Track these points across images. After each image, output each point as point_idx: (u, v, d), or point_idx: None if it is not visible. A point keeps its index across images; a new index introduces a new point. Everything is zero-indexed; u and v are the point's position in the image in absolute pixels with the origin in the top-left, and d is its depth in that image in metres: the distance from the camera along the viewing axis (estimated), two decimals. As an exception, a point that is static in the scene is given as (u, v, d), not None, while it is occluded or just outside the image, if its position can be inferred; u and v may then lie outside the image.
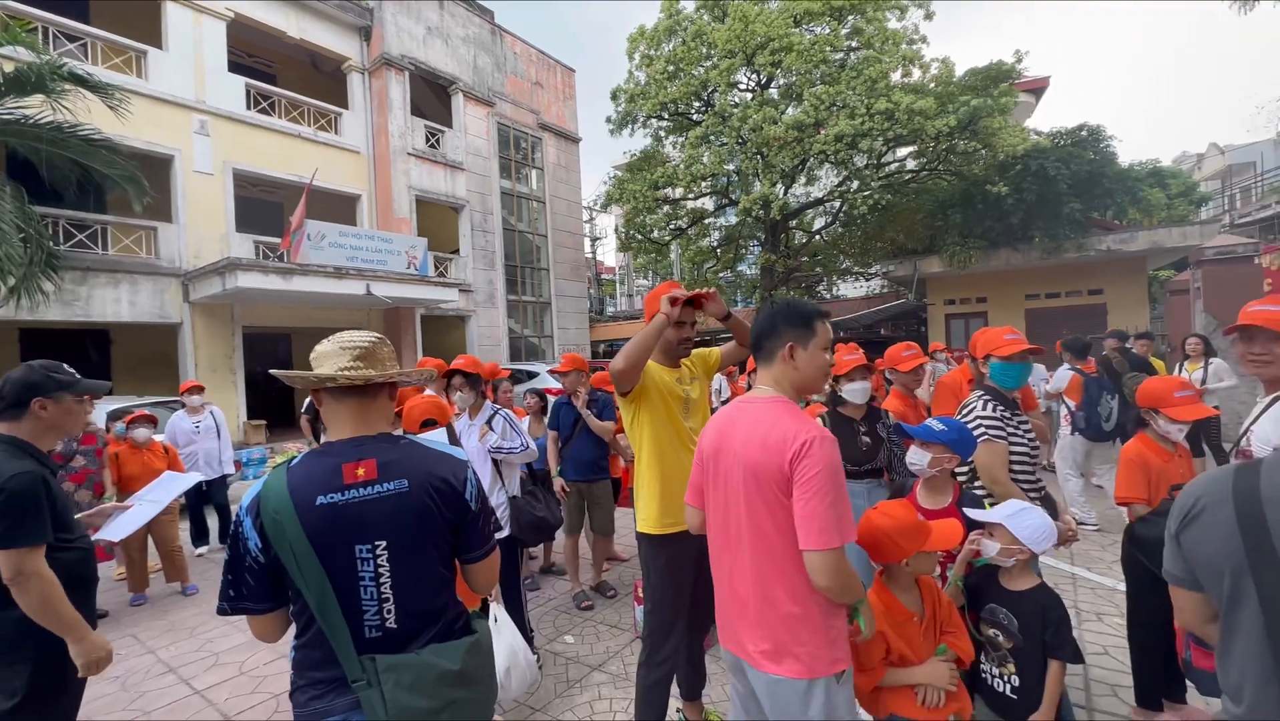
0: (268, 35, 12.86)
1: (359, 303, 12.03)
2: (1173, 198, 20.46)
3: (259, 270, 9.81)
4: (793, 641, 1.44)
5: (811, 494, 1.38)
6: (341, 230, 11.38)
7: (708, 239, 18.52)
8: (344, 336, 1.39)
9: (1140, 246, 11.85)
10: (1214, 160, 33.65)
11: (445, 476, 1.35)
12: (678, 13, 15.05)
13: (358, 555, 1.25)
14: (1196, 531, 1.10)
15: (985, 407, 2.44)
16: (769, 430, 1.47)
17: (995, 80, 12.24)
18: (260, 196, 13.60)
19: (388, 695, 1.20)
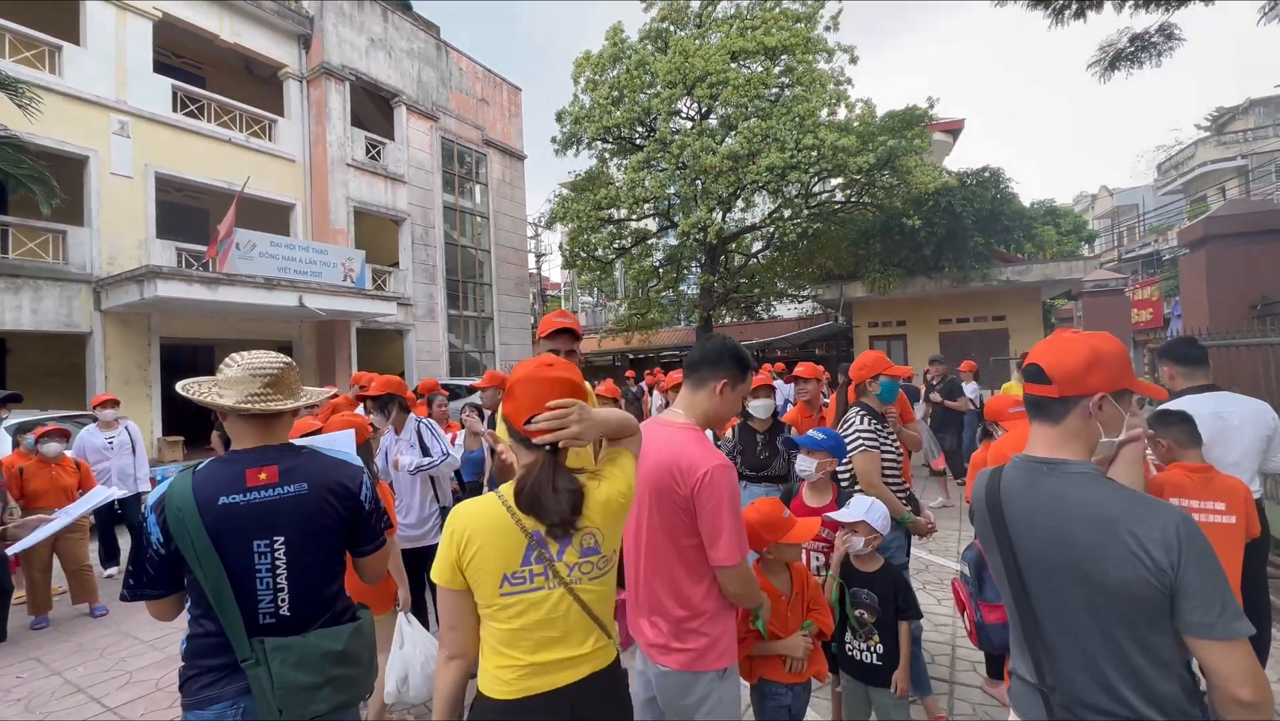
0: (198, 37, 12.45)
1: (291, 315, 11.69)
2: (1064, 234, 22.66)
3: (182, 279, 9.42)
4: (678, 641, 1.61)
5: (715, 517, 1.54)
6: (274, 240, 11.08)
7: (650, 259, 19.00)
8: (252, 361, 1.50)
9: (1034, 278, 13.16)
10: (1105, 200, 37.41)
11: (343, 480, 1.54)
12: (622, 42, 15.59)
13: (256, 549, 1.40)
14: (976, 525, 1.40)
15: (862, 422, 2.83)
16: (678, 456, 1.59)
17: (910, 123, 13.36)
18: (184, 202, 13.02)
19: (274, 671, 1.35)
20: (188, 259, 11.55)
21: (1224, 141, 26.98)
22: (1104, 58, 6.57)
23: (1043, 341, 1.29)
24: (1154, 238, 28.36)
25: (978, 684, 3.02)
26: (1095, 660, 1.10)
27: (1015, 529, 1.21)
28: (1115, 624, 1.07)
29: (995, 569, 1.30)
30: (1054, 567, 1.14)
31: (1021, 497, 1.21)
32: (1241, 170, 25.21)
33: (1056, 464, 1.18)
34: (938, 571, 4.62)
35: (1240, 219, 5.86)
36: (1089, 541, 1.08)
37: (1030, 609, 1.19)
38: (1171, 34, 6.24)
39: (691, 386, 1.75)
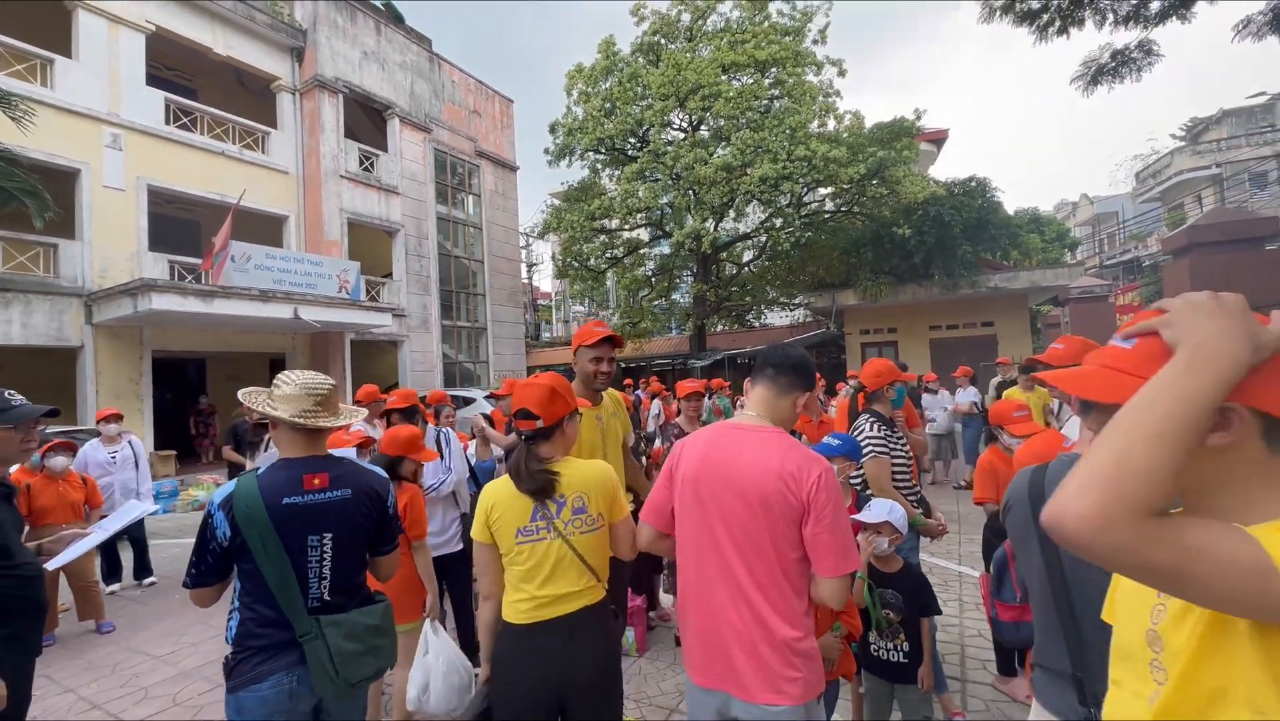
0: (191, 50, 12.45)
1: (285, 326, 11.63)
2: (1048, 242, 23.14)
3: (177, 292, 9.36)
4: (790, 667, 1.45)
5: (829, 524, 1.43)
6: (269, 252, 11.06)
7: (643, 268, 19.14)
8: (308, 381, 1.72)
9: (1022, 285, 13.42)
10: (1086, 208, 38.19)
11: (376, 488, 1.81)
12: (614, 55, 15.79)
13: (309, 543, 1.64)
14: (1009, 523, 1.48)
15: (872, 428, 2.92)
16: (783, 460, 1.48)
17: (898, 135, 13.64)
18: (176, 214, 12.95)
19: (331, 643, 1.60)
20: (180, 271, 11.48)
21: (1199, 150, 27.72)
22: (1087, 72, 6.79)
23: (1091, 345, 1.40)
24: (1134, 244, 29.02)
25: (988, 681, 3.10)
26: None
27: None
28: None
29: (1031, 564, 1.37)
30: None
31: None
32: (1216, 178, 25.91)
33: None
34: (941, 574, 4.72)
35: (1221, 227, 6.08)
36: None
37: (1068, 599, 1.27)
38: (1150, 50, 6.48)
39: (775, 391, 1.63)
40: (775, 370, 1.63)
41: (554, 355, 22.89)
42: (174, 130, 11.68)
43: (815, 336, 17.02)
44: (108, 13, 10.78)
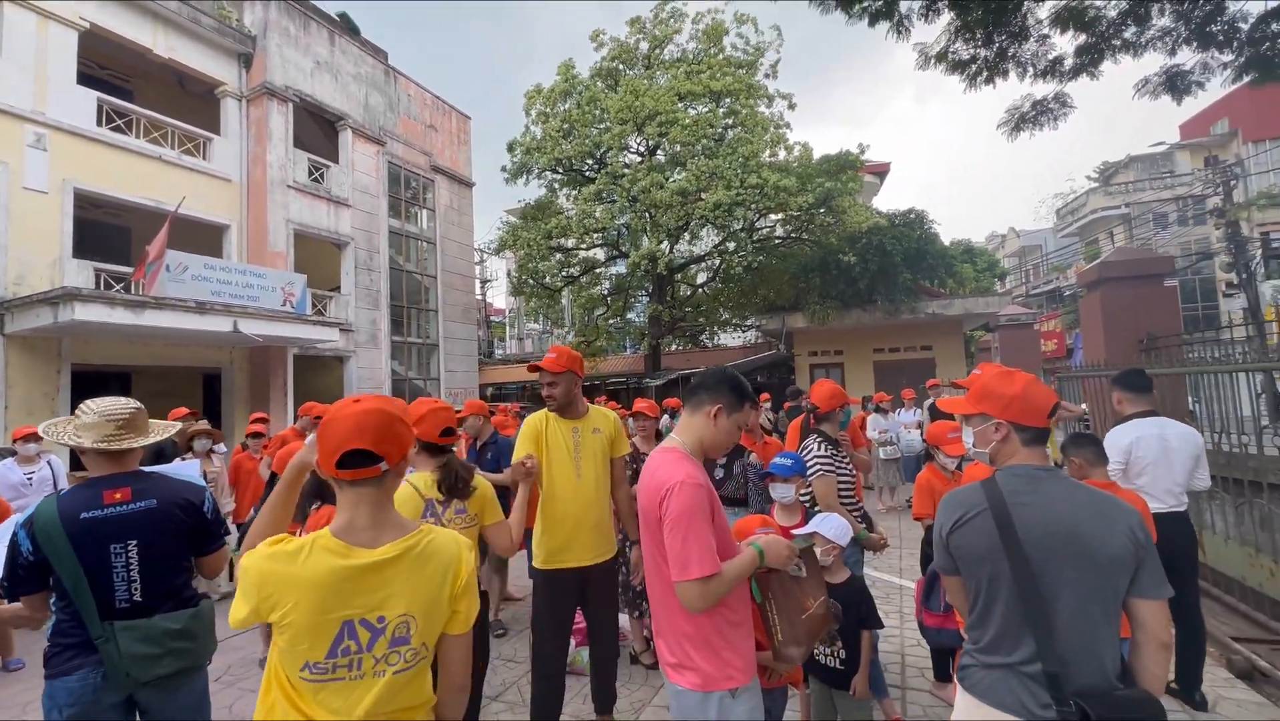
0: (129, 50, 11.91)
1: (223, 340, 11.12)
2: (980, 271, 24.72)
3: (104, 302, 8.82)
4: (687, 658, 1.63)
5: (669, 533, 1.58)
6: (207, 262, 10.58)
7: (598, 287, 19.26)
8: (105, 408, 1.88)
9: (956, 312, 14.27)
10: (1014, 241, 40.94)
11: (188, 497, 1.97)
12: (573, 78, 16.05)
13: (112, 551, 1.81)
14: (963, 535, 1.50)
15: (820, 448, 3.08)
16: (651, 477, 1.70)
17: (844, 167, 14.37)
18: (106, 220, 12.24)
19: (122, 646, 1.76)
20: (107, 280, 10.81)
21: (1110, 191, 30.31)
22: (1011, 119, 7.40)
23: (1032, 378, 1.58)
24: (1056, 275, 31.30)
25: (926, 687, 3.27)
26: (1091, 636, 1.36)
27: (1026, 525, 1.41)
28: (1109, 596, 1.37)
29: (996, 569, 1.43)
30: (1065, 553, 1.38)
31: (1030, 499, 1.45)
32: (1126, 217, 28.35)
33: (1054, 471, 1.52)
34: (884, 587, 4.93)
35: (1127, 264, 6.71)
36: (1094, 528, 1.38)
37: (1038, 595, 1.37)
38: (1065, 101, 7.12)
39: (689, 410, 1.81)
40: (690, 392, 1.82)
41: (508, 372, 22.60)
42: (106, 132, 11.08)
43: (766, 358, 17.51)
44: (38, 8, 10.21)
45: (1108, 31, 6.52)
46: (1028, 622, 1.38)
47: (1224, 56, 6.31)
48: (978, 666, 1.49)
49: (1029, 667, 1.39)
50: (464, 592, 1.29)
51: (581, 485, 2.67)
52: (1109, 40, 6.54)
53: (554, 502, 2.66)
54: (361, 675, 1.18)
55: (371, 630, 1.18)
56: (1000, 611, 1.44)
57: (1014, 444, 1.53)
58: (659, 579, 1.70)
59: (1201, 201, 23.66)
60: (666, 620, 1.71)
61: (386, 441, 1.23)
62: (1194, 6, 5.83)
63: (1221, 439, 4.75)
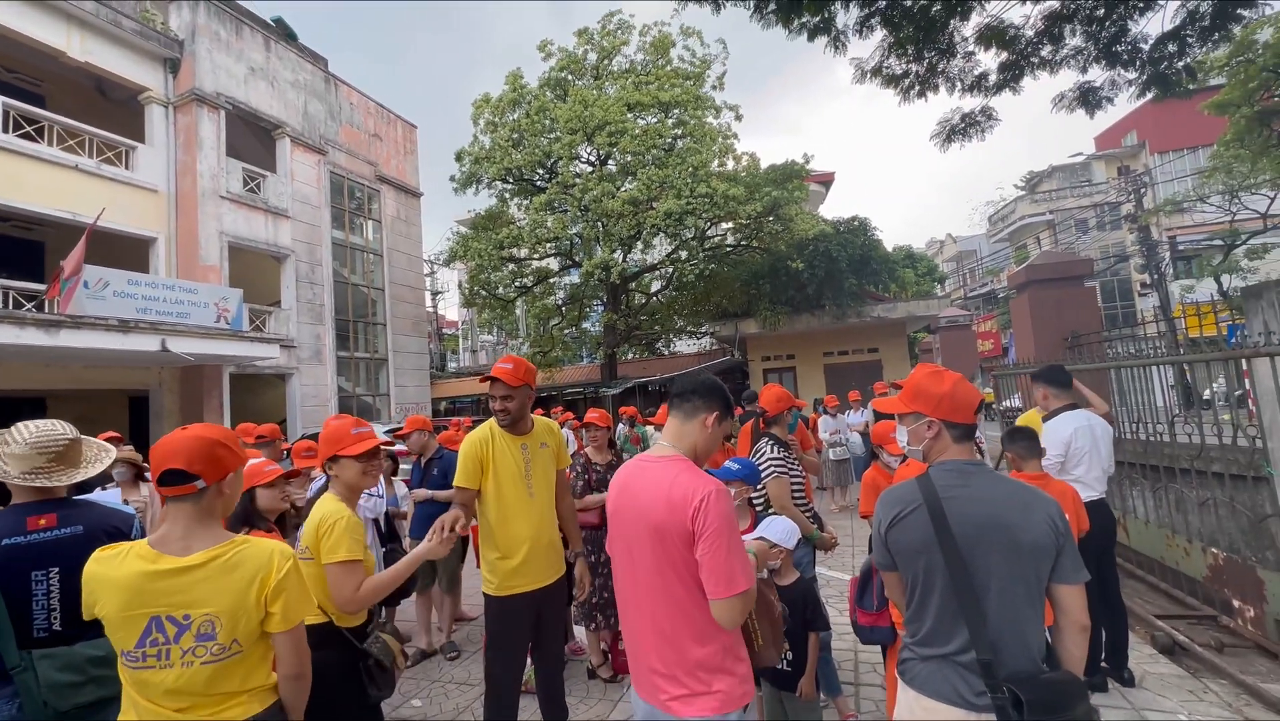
0: (39, 53, 11.14)
1: (150, 360, 10.46)
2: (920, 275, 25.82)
3: (12, 322, 8.15)
4: (702, 685, 1.51)
5: (712, 546, 1.46)
6: (131, 278, 9.94)
7: (552, 297, 19.12)
8: (39, 438, 1.83)
9: (900, 315, 14.84)
10: (951, 246, 42.94)
11: (115, 523, 1.94)
12: (522, 88, 15.96)
13: (34, 578, 1.76)
14: (900, 530, 1.54)
15: (772, 450, 3.12)
16: (670, 488, 1.53)
17: (790, 176, 14.77)
18: (15, 234, 11.38)
19: (40, 674, 1.70)
20: (17, 298, 10.02)
21: (1036, 199, 32.23)
22: (942, 131, 7.77)
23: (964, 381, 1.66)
24: (990, 279, 33.01)
25: (879, 683, 3.35)
26: (1019, 622, 1.42)
27: (957, 518, 1.48)
28: (1032, 583, 1.44)
29: (931, 562, 1.49)
30: (993, 542, 1.45)
31: (961, 492, 1.51)
32: (1051, 223, 30.21)
33: (981, 465, 1.59)
34: (838, 585, 5.03)
35: (1051, 266, 7.13)
36: (1017, 518, 1.45)
37: (971, 586, 1.43)
38: (991, 115, 7.53)
39: (681, 417, 1.70)
40: (679, 398, 1.72)
41: (461, 386, 22.12)
42: (13, 139, 10.30)
43: (721, 363, 17.75)
44: (-69, 5, 9.45)
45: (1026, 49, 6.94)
46: (961, 611, 1.43)
47: (1129, 74, 6.80)
48: (916, 659, 1.53)
49: (963, 657, 1.43)
50: (276, 595, 1.42)
51: (535, 504, 2.55)
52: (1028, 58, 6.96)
53: (507, 525, 2.50)
54: (170, 664, 1.35)
55: (177, 625, 1.35)
56: (936, 602, 1.48)
57: (945, 440, 1.59)
58: (666, 601, 1.54)
59: (1116, 208, 25.48)
60: (672, 650, 1.53)
61: (201, 462, 1.42)
62: (1101, 28, 6.28)
63: (1139, 428, 5.08)
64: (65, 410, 12.92)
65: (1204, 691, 3.13)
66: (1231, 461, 4.05)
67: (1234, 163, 16.46)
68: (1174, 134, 25.55)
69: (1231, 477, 4.03)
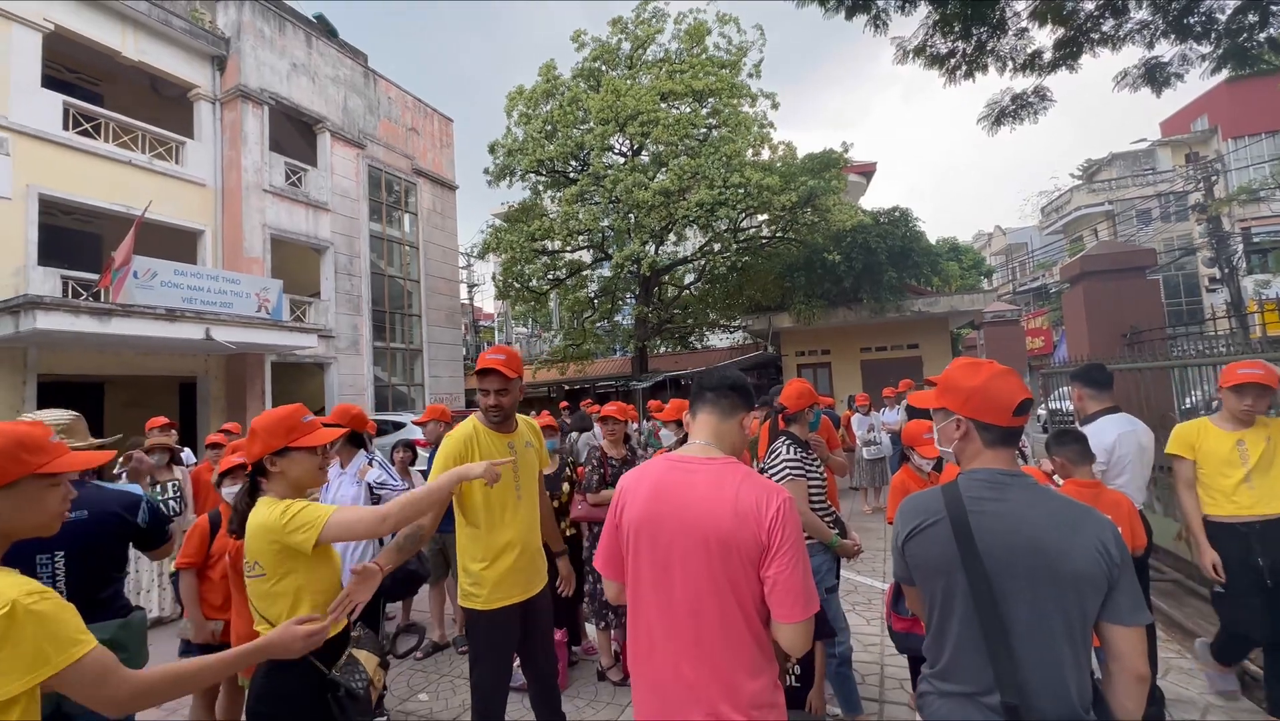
0: (97, 53, 11.64)
1: (196, 348, 10.85)
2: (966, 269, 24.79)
3: (68, 310, 8.55)
4: (758, 717, 1.34)
5: (792, 563, 1.31)
6: (178, 268, 10.31)
7: (585, 290, 19.10)
8: (45, 417, 1.95)
9: (942, 309, 14.23)
10: (1000, 239, 41.17)
11: (120, 507, 2.02)
12: (555, 78, 15.91)
13: (38, 561, 1.81)
14: (919, 544, 1.38)
15: (788, 451, 2.92)
16: (737, 495, 1.36)
17: (827, 165, 14.31)
18: (75, 227, 11.96)
19: None
20: (75, 288, 10.54)
21: (1094, 189, 30.52)
22: (990, 113, 7.32)
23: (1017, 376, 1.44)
24: (1041, 273, 31.46)
25: (905, 700, 3.13)
26: (1056, 664, 1.21)
27: (986, 535, 1.27)
28: (1074, 618, 1.21)
29: (951, 582, 1.30)
30: (1027, 569, 1.23)
31: (993, 506, 1.30)
32: (1110, 214, 28.55)
33: (1020, 475, 1.35)
34: (866, 592, 4.79)
35: (1109, 257, 6.63)
36: (1060, 540, 1.23)
37: (998, 615, 1.23)
38: (1045, 95, 7.05)
39: (719, 415, 1.54)
40: (715, 394, 1.56)
41: (494, 377, 22.36)
42: (73, 136, 10.81)
43: (754, 358, 17.41)
44: None
45: (1086, 25, 6.45)
46: (985, 645, 1.24)
47: (1201, 48, 6.25)
48: (934, 694, 1.34)
49: (987, 699, 1.24)
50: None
51: (523, 508, 2.37)
52: (1087, 33, 6.47)
53: (496, 533, 2.28)
54: None
55: None
56: (956, 631, 1.30)
57: (976, 443, 1.39)
58: (720, 628, 1.34)
59: (1183, 197, 23.86)
60: (721, 685, 1.32)
61: None
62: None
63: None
64: (120, 395, 13.60)
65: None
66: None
67: (1320, 147, 15.13)
68: (1250, 117, 23.73)
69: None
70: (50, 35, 10.65)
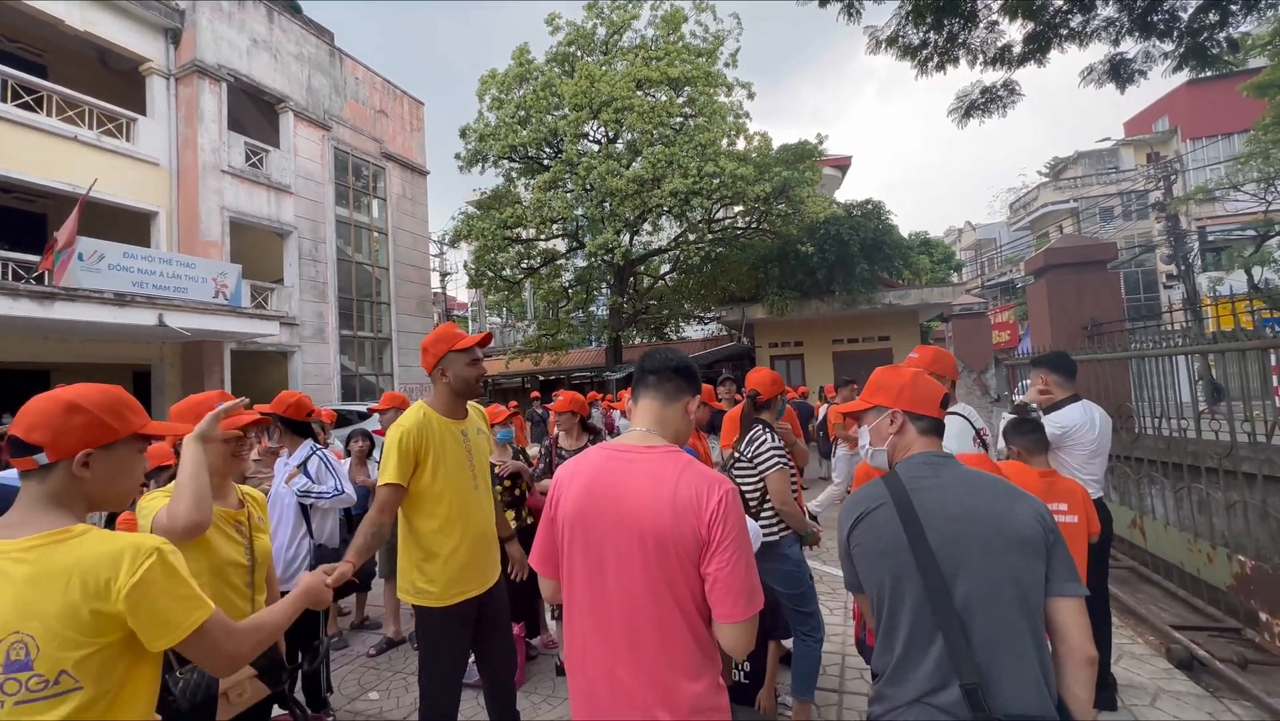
0: (40, 21, 10.98)
1: (149, 335, 10.39)
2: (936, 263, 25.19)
3: (5, 294, 8.08)
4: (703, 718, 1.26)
5: (734, 559, 1.21)
6: (127, 251, 9.84)
7: (559, 279, 18.87)
8: None
9: (913, 302, 14.42)
10: (969, 234, 41.97)
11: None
12: (528, 63, 15.59)
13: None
14: (864, 529, 1.32)
15: (772, 439, 2.80)
16: (676, 487, 1.26)
17: (802, 156, 14.33)
18: (16, 206, 11.32)
19: None
20: (16, 270, 9.98)
21: (1060, 186, 31.25)
22: (960, 105, 7.35)
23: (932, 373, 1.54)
24: (1009, 268, 32.17)
25: (865, 691, 3.12)
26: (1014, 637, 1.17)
27: (929, 510, 1.28)
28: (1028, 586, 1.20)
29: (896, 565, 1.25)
30: (973, 537, 1.23)
31: (932, 482, 1.32)
32: (1074, 211, 29.28)
33: (951, 458, 1.40)
34: (831, 581, 4.80)
35: (1072, 250, 6.74)
36: (999, 508, 1.26)
37: (948, 593, 1.20)
38: (1013, 89, 7.10)
39: (662, 399, 1.43)
40: (658, 376, 1.44)
41: (467, 367, 22.03)
42: (13, 109, 10.20)
43: (728, 349, 17.40)
44: (-74, -31, 9.30)
45: (1054, 19, 6.49)
46: (938, 625, 1.19)
47: (1164, 46, 6.34)
48: (886, 709, 1.26)
49: (943, 696, 1.17)
50: (136, 606, 1.03)
51: (478, 497, 2.28)
52: (1056, 28, 6.52)
53: (454, 525, 2.16)
54: None
55: None
56: (908, 618, 1.24)
57: (910, 434, 1.43)
58: (655, 629, 1.24)
59: (1144, 196, 24.57)
60: (657, 690, 1.23)
61: (40, 430, 1.07)
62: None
63: (1161, 424, 4.75)
64: (68, 383, 13.00)
65: (1224, 712, 2.86)
66: (1265, 461, 3.73)
67: (1271, 148, 15.69)
68: (1208, 119, 24.50)
69: (1265, 479, 3.71)
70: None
